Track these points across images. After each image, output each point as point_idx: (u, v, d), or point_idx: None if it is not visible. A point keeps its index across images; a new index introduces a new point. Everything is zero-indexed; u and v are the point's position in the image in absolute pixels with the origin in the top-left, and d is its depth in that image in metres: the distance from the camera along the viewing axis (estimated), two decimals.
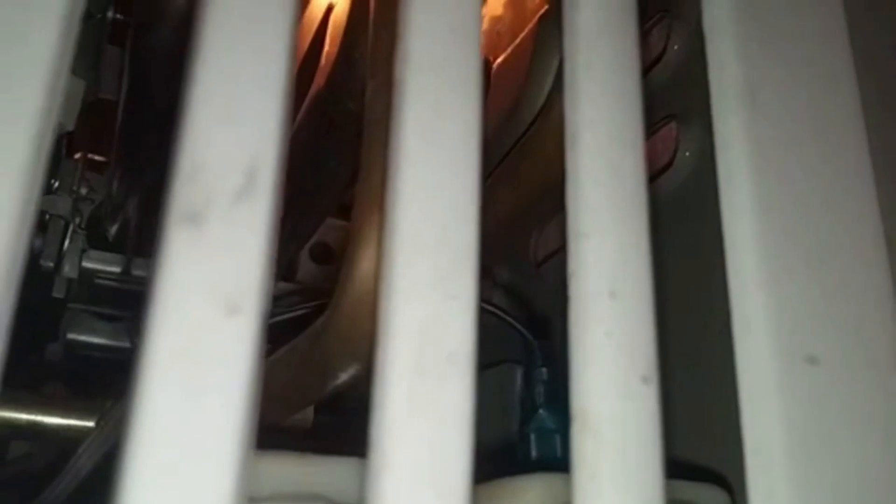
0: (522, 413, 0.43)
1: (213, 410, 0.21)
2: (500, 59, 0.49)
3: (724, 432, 0.33)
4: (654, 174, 0.48)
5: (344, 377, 0.33)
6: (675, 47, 0.45)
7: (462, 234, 0.25)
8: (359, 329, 0.30)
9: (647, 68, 0.49)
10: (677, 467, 0.35)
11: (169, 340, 0.21)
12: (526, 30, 0.48)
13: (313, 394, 0.36)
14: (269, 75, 0.24)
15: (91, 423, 0.46)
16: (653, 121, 0.49)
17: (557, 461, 0.37)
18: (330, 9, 0.48)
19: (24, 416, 0.47)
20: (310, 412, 0.45)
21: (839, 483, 0.26)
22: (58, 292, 0.57)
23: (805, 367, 0.27)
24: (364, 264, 0.30)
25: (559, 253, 0.51)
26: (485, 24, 0.53)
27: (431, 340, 0.23)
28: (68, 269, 0.56)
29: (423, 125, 0.26)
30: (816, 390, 0.27)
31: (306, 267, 0.68)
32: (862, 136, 0.31)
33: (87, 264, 0.57)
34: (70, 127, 0.52)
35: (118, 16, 0.52)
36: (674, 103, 0.44)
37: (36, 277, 0.57)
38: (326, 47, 0.46)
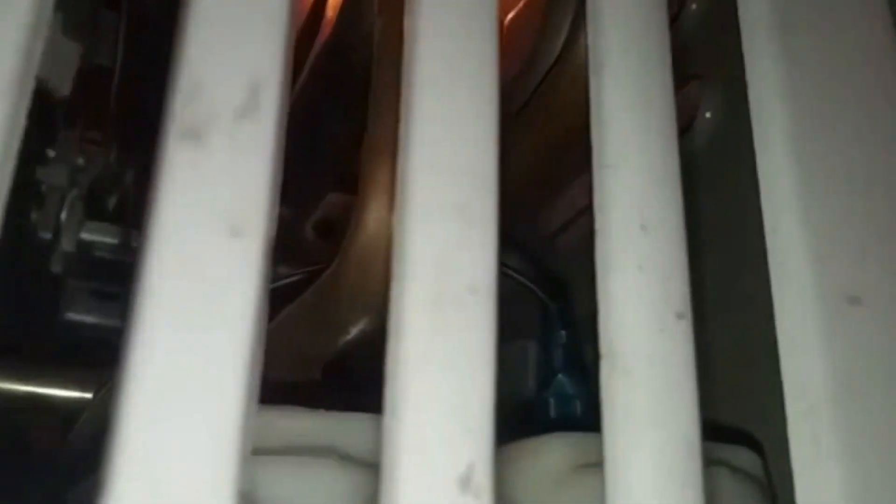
0: (540, 379, 0.41)
1: (217, 339, 0.19)
2: (510, 16, 0.48)
3: (756, 385, 0.31)
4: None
5: (355, 332, 0.32)
6: (693, 7, 0.44)
7: (481, 161, 0.23)
8: (370, 276, 0.29)
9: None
10: (706, 427, 0.34)
11: (169, 264, 0.19)
12: None
13: (322, 352, 0.34)
14: None
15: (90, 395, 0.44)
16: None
17: (579, 425, 0.36)
18: None
19: (21, 388, 0.45)
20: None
21: (887, 428, 0.24)
22: (56, 266, 0.55)
23: (847, 308, 0.26)
24: (375, 207, 0.28)
25: (571, 225, 0.49)
26: None
27: (450, 270, 0.22)
28: (66, 242, 0.54)
29: (439, 52, 0.24)
30: (859, 332, 0.25)
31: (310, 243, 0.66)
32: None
33: (85, 236, 0.55)
34: (65, 92, 0.51)
35: None
36: (692, 64, 0.42)
37: (34, 251, 0.55)
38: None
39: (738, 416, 0.32)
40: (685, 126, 0.41)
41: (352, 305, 0.30)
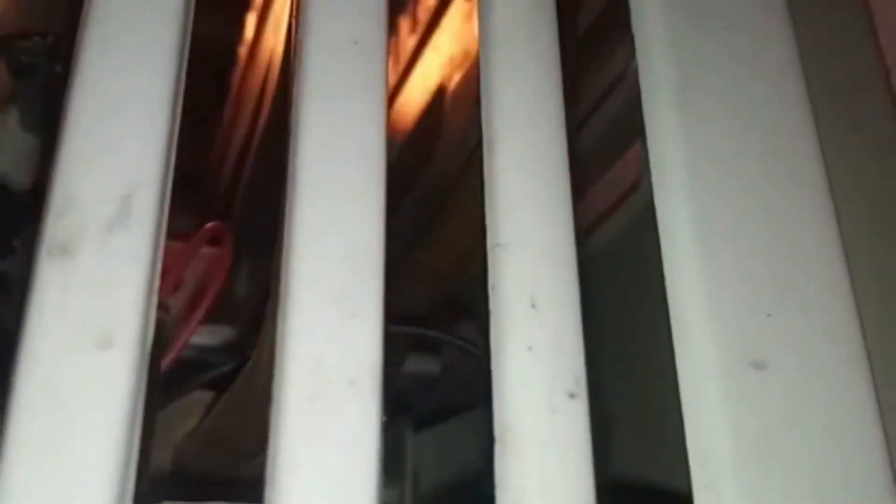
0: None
1: (82, 457, 0.19)
2: (454, 86, 0.48)
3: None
4: (627, 192, 0.47)
5: None
6: (636, 63, 0.44)
7: (365, 244, 0.23)
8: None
9: (612, 86, 0.47)
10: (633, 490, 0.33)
11: (35, 381, 0.20)
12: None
13: (253, 440, 0.34)
14: (152, 96, 0.23)
15: None
16: (622, 139, 0.48)
17: None
18: None
19: None
20: None
21: (791, 496, 0.24)
22: None
23: (751, 372, 0.25)
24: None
25: None
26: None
27: (330, 364, 0.22)
28: None
29: (322, 123, 0.25)
30: (765, 397, 0.25)
31: None
32: (809, 121, 0.30)
33: None
34: (25, 185, 0.51)
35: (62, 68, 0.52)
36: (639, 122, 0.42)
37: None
38: None
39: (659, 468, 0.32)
40: (632, 187, 0.42)
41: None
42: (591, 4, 0.45)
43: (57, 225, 0.21)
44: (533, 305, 0.24)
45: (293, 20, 0.34)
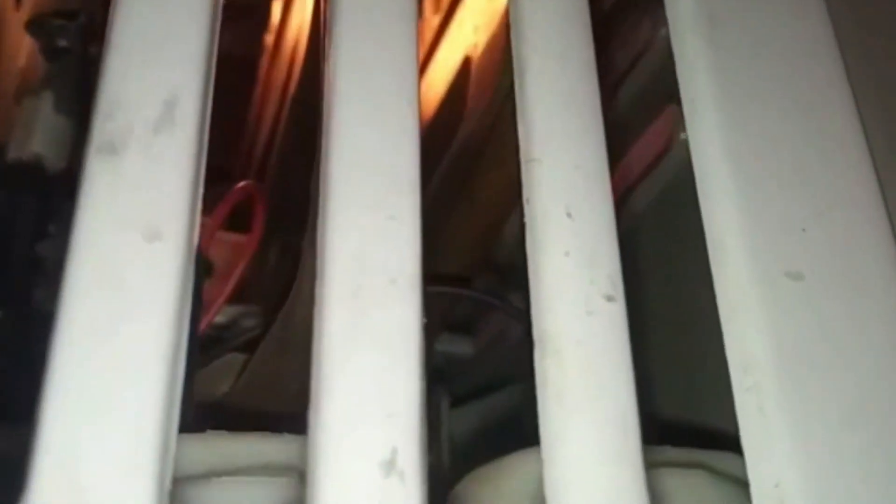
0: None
1: (134, 340, 0.20)
2: (480, 51, 0.49)
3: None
4: (656, 157, 0.47)
5: None
6: (664, 31, 0.45)
7: (401, 160, 0.24)
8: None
9: (639, 54, 0.48)
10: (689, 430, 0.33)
11: (89, 269, 0.20)
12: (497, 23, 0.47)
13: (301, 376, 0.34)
14: (193, 7, 0.24)
15: None
16: (652, 106, 0.48)
17: None
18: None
19: None
20: None
21: (831, 400, 0.24)
22: None
23: (788, 283, 0.25)
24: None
25: None
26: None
27: (370, 263, 0.22)
28: None
29: (358, 54, 0.25)
30: (801, 306, 0.25)
31: None
32: (835, 51, 0.30)
33: None
34: (61, 165, 0.52)
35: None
36: (669, 88, 0.43)
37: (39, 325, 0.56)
38: None
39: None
40: (664, 148, 0.42)
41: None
42: None
43: (105, 126, 0.22)
44: (568, 215, 0.24)
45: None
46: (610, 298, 0.24)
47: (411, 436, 0.20)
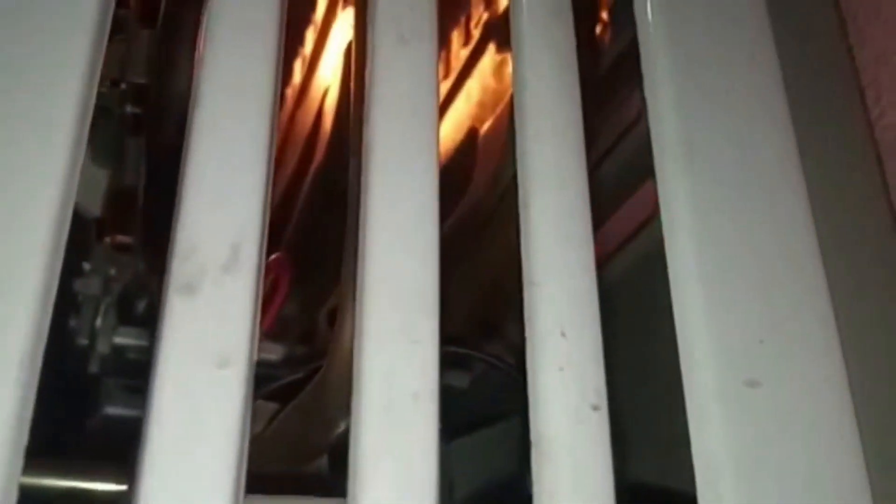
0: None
1: (208, 452, 0.24)
2: (485, 127, 0.53)
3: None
4: (640, 226, 0.51)
5: (343, 426, 0.37)
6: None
7: (423, 286, 0.28)
8: (348, 380, 0.34)
9: (629, 128, 0.53)
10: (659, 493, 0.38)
11: (169, 393, 0.25)
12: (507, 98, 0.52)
13: (320, 443, 0.39)
14: (251, 161, 0.28)
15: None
16: (639, 175, 0.53)
17: None
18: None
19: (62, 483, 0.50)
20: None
21: (782, 498, 0.29)
22: (93, 368, 0.61)
23: (746, 390, 0.30)
24: (348, 325, 0.33)
25: None
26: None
27: (398, 381, 0.27)
28: (101, 345, 0.60)
29: (386, 192, 0.30)
30: (758, 411, 0.30)
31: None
32: (798, 175, 0.35)
33: (118, 340, 0.61)
34: (95, 213, 0.57)
35: (135, 110, 0.57)
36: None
37: (73, 355, 0.61)
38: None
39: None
40: (650, 216, 0.47)
41: (336, 403, 0.35)
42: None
43: (182, 267, 0.26)
44: (563, 334, 0.29)
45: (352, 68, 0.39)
46: (596, 408, 0.28)
47: None
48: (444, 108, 0.58)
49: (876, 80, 0.43)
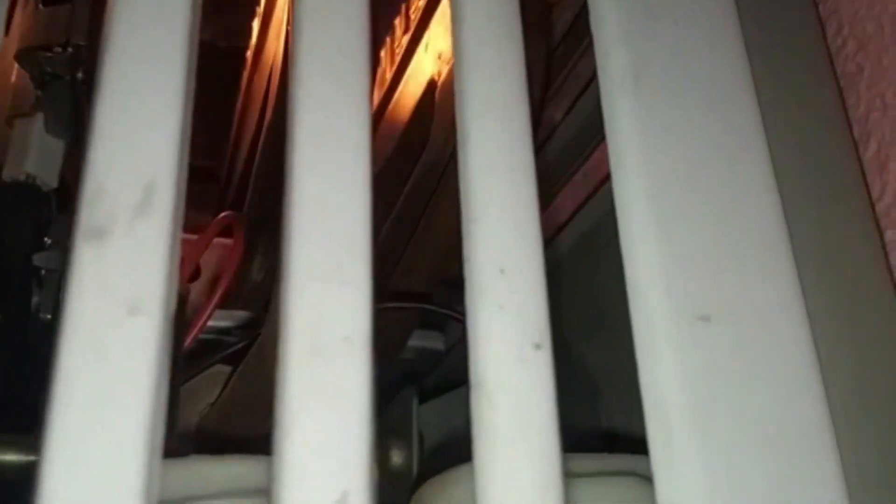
0: None
1: (118, 413, 0.23)
2: (443, 80, 0.52)
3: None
4: (599, 183, 0.50)
5: None
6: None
7: (354, 227, 0.27)
8: None
9: (584, 88, 0.52)
10: (616, 439, 0.37)
11: (78, 341, 0.23)
12: None
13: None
14: (166, 102, 0.27)
15: None
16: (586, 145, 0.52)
17: None
18: None
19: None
20: None
21: (734, 433, 0.27)
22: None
23: (698, 325, 0.29)
24: None
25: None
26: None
27: (327, 324, 0.25)
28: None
29: (316, 130, 0.28)
30: (710, 347, 0.29)
31: None
32: (752, 97, 0.33)
33: None
34: (53, 184, 0.56)
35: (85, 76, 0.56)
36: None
37: (37, 330, 0.60)
38: None
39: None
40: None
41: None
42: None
43: (91, 211, 0.25)
44: (502, 271, 0.28)
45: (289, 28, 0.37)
46: (538, 346, 0.27)
47: (360, 482, 0.24)
48: (403, 63, 0.56)
49: (837, 10, 0.41)
